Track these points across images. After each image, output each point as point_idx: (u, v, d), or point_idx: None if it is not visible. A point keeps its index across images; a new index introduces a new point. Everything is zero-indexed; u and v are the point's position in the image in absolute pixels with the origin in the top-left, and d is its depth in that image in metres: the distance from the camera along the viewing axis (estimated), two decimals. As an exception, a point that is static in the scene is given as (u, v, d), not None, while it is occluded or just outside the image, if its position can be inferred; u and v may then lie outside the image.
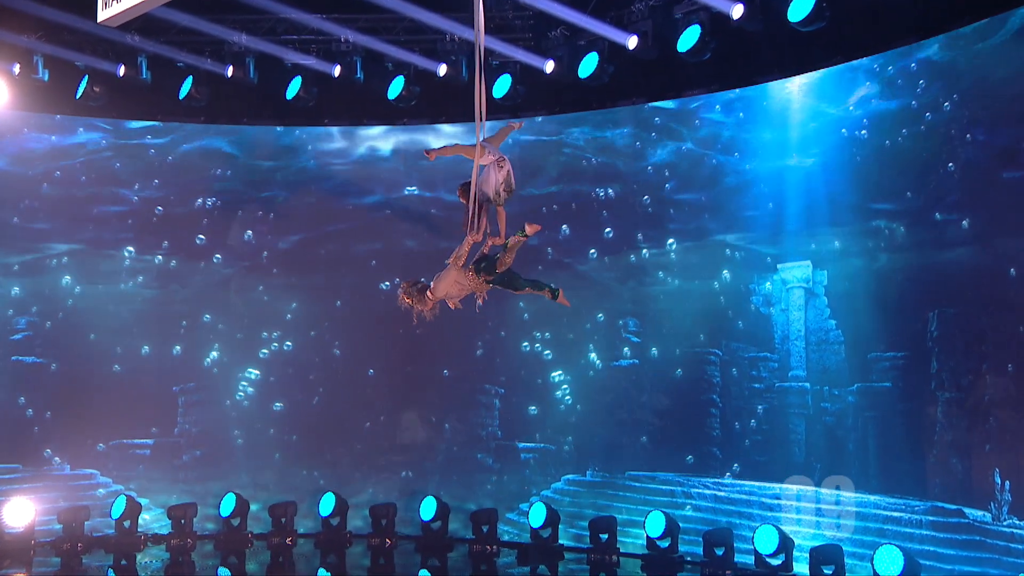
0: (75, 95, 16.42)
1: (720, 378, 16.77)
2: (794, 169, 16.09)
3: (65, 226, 18.63)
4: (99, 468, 18.25)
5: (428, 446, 18.63)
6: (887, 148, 14.99)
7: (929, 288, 14.45)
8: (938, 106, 14.45)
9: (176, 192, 19.04)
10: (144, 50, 16.04)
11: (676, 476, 16.95)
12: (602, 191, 18.30)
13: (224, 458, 18.72)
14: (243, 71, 16.16)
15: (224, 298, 19.25)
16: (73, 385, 18.36)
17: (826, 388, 15.61)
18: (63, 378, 18.44)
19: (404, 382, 18.68)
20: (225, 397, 18.98)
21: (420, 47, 16.07)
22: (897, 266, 14.89)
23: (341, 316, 19.16)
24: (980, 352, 13.76)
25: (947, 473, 14.04)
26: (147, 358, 18.78)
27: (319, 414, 19.05)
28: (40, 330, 18.53)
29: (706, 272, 17.13)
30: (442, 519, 16.95)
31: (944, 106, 14.39)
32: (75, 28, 15.34)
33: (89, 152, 18.70)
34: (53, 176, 18.54)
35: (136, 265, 18.98)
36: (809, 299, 15.96)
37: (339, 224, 19.06)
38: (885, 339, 14.95)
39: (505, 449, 18.37)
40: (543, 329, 18.45)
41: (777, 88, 16.04)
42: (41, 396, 18.33)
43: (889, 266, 14.99)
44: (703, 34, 14.14)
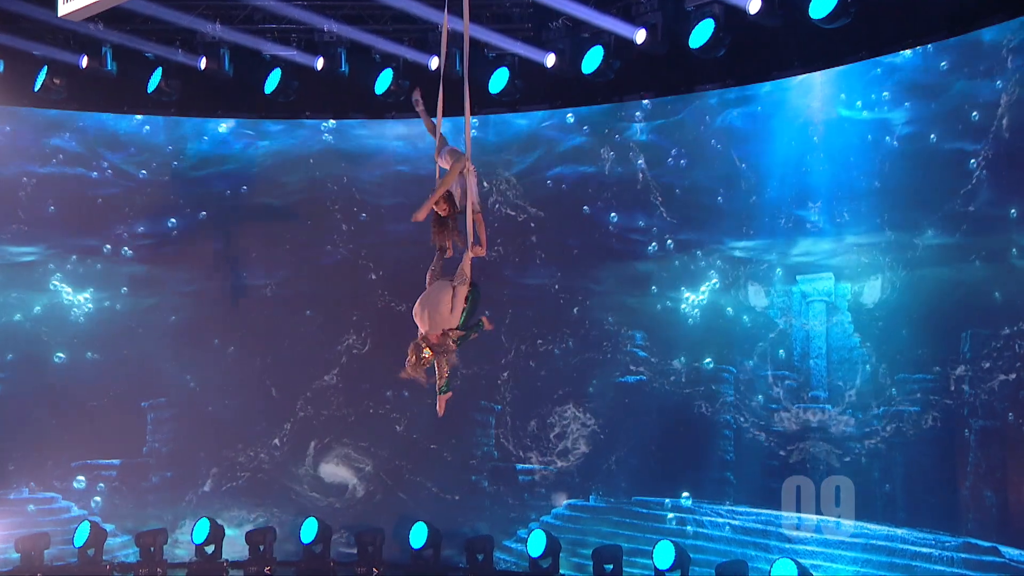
0: (33, 87, 15.89)
1: (734, 397, 16.23)
2: (816, 173, 15.51)
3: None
4: (60, 491, 17.62)
5: (418, 467, 18.05)
6: (919, 152, 14.41)
7: (962, 305, 13.92)
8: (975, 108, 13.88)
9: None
10: (109, 40, 15.43)
11: (687, 502, 16.42)
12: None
13: (196, 480, 18.07)
14: (217, 63, 15.57)
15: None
16: (31, 401, 17.60)
17: (849, 411, 15.09)
18: (19, 394, 17.62)
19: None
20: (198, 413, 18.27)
21: (409, 38, 15.52)
22: (927, 281, 14.33)
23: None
24: (1019, 377, 13.22)
25: (981, 507, 13.54)
26: (112, 371, 18.01)
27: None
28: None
29: (719, 283, 16.51)
30: (434, 546, 16.51)
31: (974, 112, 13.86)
32: (32, 16, 14.68)
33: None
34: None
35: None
36: (831, 314, 15.43)
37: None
38: (914, 359, 14.38)
39: (502, 471, 17.77)
40: (542, 340, 17.86)
41: (798, 85, 15.44)
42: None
43: (918, 281, 14.43)
44: (717, 29, 13.68)
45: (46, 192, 17.79)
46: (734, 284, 16.39)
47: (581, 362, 17.52)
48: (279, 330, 18.23)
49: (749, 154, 16.26)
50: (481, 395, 17.79)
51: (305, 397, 18.24)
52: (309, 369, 18.26)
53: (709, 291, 16.60)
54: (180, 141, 18.31)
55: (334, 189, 18.25)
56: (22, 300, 17.77)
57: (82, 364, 17.91)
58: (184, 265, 18.34)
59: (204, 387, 18.10)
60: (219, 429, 18.03)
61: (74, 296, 17.95)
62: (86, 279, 18.04)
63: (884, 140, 14.80)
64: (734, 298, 16.40)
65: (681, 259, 16.86)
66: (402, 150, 17.97)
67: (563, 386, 17.55)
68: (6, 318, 17.66)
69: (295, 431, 18.23)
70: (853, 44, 13.96)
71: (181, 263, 18.33)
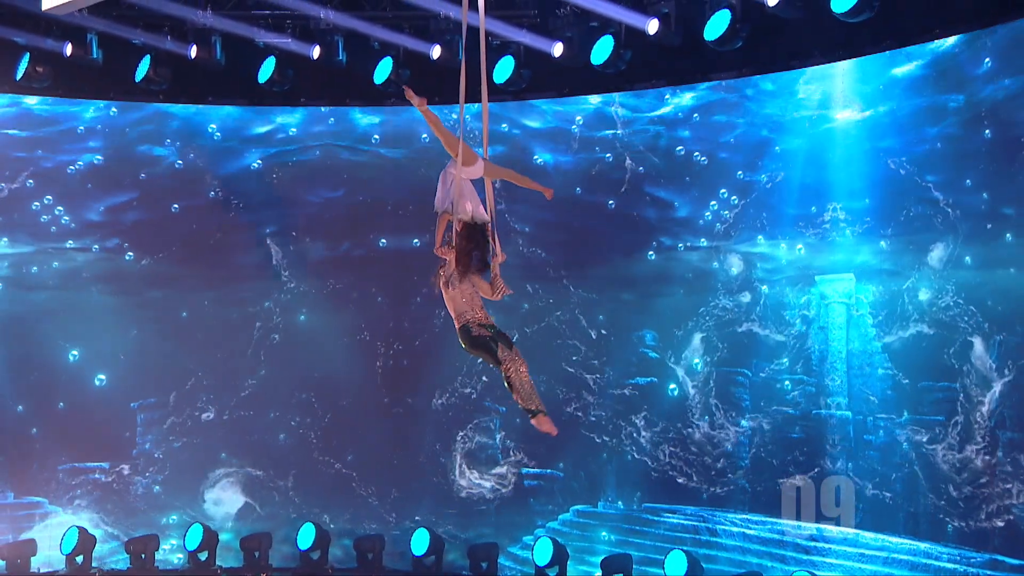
0: (14, 76, 15.57)
1: (749, 401, 16.07)
2: (838, 168, 15.35)
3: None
4: (47, 496, 17.56)
5: (419, 471, 17.93)
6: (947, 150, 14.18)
7: (990, 311, 13.73)
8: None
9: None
10: (94, 27, 15.06)
11: (699, 510, 16.33)
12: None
13: (188, 484, 17.95)
14: (208, 51, 15.25)
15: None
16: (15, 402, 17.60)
17: (870, 418, 14.95)
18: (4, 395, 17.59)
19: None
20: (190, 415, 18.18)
21: (410, 26, 15.18)
22: (953, 284, 14.12)
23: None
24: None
25: (1008, 523, 13.39)
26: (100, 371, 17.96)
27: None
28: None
29: (735, 282, 16.36)
30: (436, 553, 16.26)
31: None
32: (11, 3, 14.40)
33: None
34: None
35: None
36: (851, 317, 15.23)
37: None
38: (938, 366, 14.24)
39: (506, 475, 17.66)
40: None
41: (818, 74, 15.21)
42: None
43: (943, 284, 14.22)
44: (734, 20, 13.34)
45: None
46: (749, 284, 16.21)
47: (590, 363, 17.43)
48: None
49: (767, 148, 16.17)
50: (485, 395, 17.66)
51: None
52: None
53: (724, 291, 16.39)
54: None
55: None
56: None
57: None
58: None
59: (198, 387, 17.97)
60: (213, 431, 17.95)
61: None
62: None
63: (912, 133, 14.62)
64: (750, 298, 16.22)
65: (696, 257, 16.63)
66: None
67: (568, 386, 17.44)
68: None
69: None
70: (878, 33, 13.67)
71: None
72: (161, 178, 18.21)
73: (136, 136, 18.12)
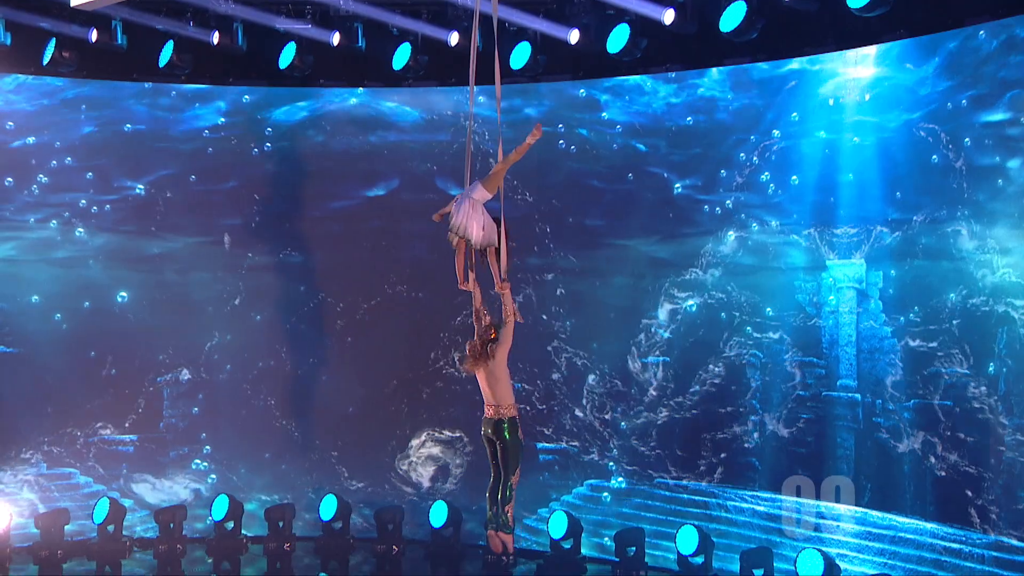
0: (41, 61, 15.99)
1: (760, 382, 16.36)
2: (850, 151, 15.48)
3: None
4: (78, 467, 18.00)
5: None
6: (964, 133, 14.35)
7: (1000, 298, 13.92)
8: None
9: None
10: (118, 14, 15.39)
11: (710, 486, 16.66)
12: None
13: (216, 456, 18.46)
14: (230, 38, 15.59)
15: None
16: (47, 376, 17.96)
17: (879, 401, 15.18)
18: (36, 368, 17.95)
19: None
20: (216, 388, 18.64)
21: (428, 11, 15.48)
22: (964, 270, 14.34)
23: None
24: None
25: (1014, 506, 13.65)
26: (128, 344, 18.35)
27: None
28: (7, 316, 17.99)
29: (745, 265, 16.57)
30: (454, 525, 16.76)
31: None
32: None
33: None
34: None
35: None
36: (861, 301, 15.46)
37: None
38: (948, 352, 14.44)
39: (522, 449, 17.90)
40: (564, 319, 18.02)
41: (831, 58, 15.35)
42: (11, 388, 17.78)
43: (954, 270, 14.44)
44: (749, 12, 13.72)
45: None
46: (760, 267, 16.44)
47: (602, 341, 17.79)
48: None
49: (776, 129, 16.32)
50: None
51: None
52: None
53: (734, 273, 16.66)
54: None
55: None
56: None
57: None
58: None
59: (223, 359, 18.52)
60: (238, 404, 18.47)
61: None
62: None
63: (920, 123, 14.76)
64: (761, 281, 16.47)
65: (708, 240, 16.93)
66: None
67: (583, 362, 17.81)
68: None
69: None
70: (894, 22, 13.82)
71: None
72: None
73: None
